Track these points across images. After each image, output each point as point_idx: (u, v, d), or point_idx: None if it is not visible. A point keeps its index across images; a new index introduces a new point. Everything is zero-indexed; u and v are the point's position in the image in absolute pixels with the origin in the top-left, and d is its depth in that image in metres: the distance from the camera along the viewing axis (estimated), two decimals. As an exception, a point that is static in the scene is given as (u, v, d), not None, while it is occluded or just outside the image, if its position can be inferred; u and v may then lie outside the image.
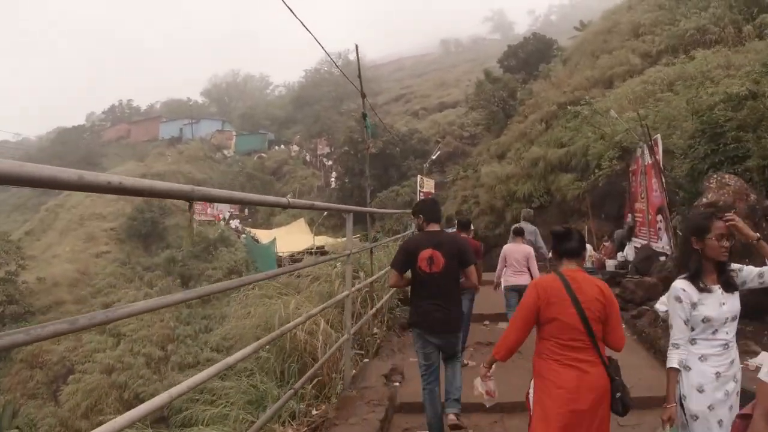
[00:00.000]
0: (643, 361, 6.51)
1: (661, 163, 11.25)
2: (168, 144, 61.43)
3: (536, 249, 9.09)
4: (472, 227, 8.36)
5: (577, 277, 3.23)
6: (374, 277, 6.72)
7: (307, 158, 52.64)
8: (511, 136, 26.37)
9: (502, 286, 7.94)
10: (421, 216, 4.85)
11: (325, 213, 38.04)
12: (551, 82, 27.41)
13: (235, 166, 52.15)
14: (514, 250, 7.89)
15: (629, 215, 14.25)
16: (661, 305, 7.40)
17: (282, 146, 58.73)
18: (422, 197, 16.80)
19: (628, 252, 12.98)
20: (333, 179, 44.17)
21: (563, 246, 3.36)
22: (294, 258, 30.96)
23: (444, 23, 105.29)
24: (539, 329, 3.28)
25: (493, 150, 27.19)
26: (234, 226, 41.50)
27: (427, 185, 17.11)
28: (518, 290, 7.28)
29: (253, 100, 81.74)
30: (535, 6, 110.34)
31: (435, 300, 4.54)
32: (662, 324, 6.91)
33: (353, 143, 38.52)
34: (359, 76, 7.66)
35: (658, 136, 11.40)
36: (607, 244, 14.48)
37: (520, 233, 8.30)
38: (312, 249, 30.88)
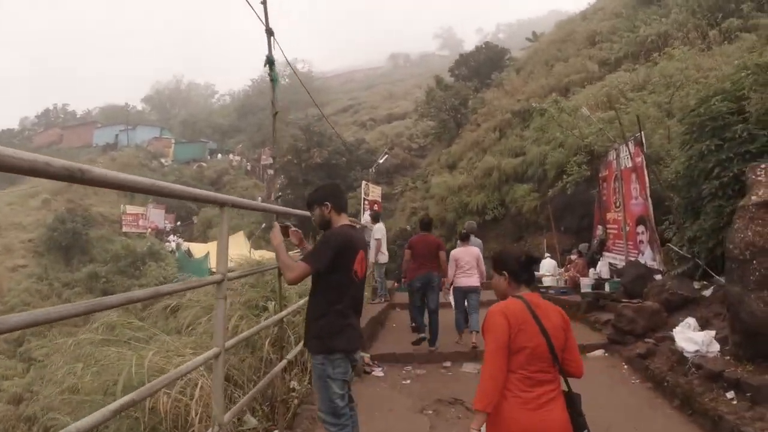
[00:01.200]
0: (676, 425, 4.54)
1: (645, 165, 9.54)
2: (102, 151, 57.35)
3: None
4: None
5: (539, 302, 2.88)
6: (289, 310, 4.52)
7: (249, 168, 49.77)
8: (463, 145, 24.72)
9: (452, 287, 8.03)
10: (328, 204, 3.53)
11: (264, 225, 35.53)
12: (504, 91, 26.01)
13: (171, 176, 48.68)
14: (464, 252, 8.04)
15: (599, 227, 12.54)
16: (687, 343, 5.58)
17: (223, 156, 55.65)
18: (367, 207, 14.72)
19: (602, 269, 11.21)
20: (275, 190, 41.60)
21: (525, 274, 2.96)
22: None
23: (394, 39, 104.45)
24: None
25: (443, 160, 25.47)
26: (174, 244, 38.11)
27: (373, 193, 15.07)
28: (466, 291, 7.87)
29: (197, 108, 78.06)
30: (483, 25, 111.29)
31: (357, 312, 3.64)
32: (691, 369, 4.99)
33: (297, 152, 36.22)
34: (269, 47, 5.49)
35: (641, 134, 9.69)
36: (574, 258, 12.64)
37: (466, 238, 8.44)
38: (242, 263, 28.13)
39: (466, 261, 7.92)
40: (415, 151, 39.50)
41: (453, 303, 8.10)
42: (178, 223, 43.66)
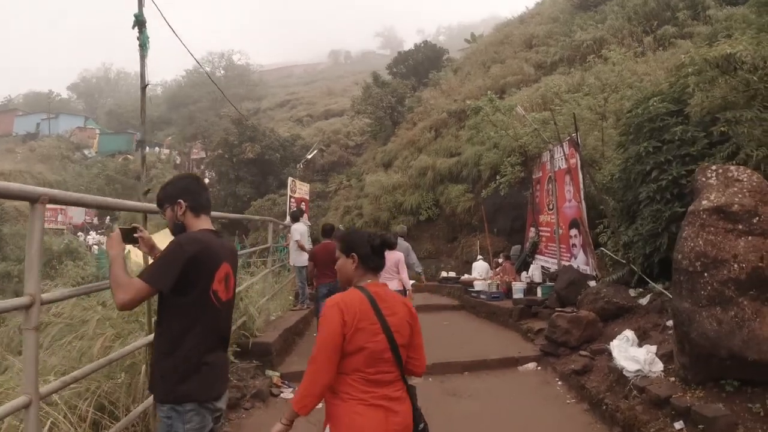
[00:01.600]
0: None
1: (579, 166, 9.15)
2: (22, 140, 53.60)
3: (409, 267, 8.92)
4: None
5: (384, 294, 2.59)
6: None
7: (178, 161, 47.61)
8: (399, 143, 24.14)
9: None
10: (181, 202, 2.65)
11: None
12: (441, 90, 25.62)
13: (95, 168, 45.94)
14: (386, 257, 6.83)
15: (532, 229, 12.18)
16: (628, 361, 5.06)
17: (154, 148, 53.06)
18: (293, 205, 13.85)
19: (534, 273, 10.82)
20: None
21: (375, 260, 2.68)
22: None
23: (335, 35, 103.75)
24: (339, 362, 2.46)
25: (379, 158, 24.83)
26: (90, 242, 35.71)
27: (300, 190, 14.16)
28: None
29: (126, 98, 74.28)
30: (424, 26, 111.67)
31: (222, 344, 2.75)
32: (633, 392, 4.45)
33: (228, 146, 34.67)
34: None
35: (577, 133, 9.30)
36: (501, 261, 12.21)
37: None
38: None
39: (387, 267, 7.41)
40: (351, 149, 38.73)
41: None
42: (107, 218, 41.11)
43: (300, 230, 9.68)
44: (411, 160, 21.89)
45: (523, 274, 10.92)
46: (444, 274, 13.55)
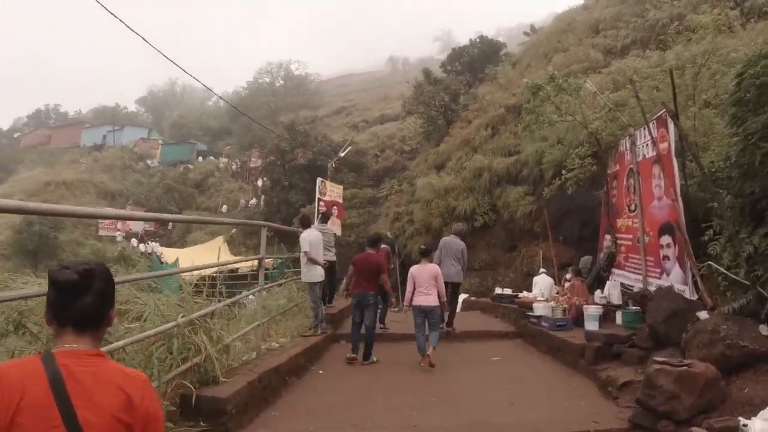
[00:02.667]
0: None
1: (674, 152, 6.84)
2: (89, 152, 54.90)
3: (463, 269, 9.48)
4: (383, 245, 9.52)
5: (85, 367, 1.58)
6: None
7: (235, 170, 47.14)
8: (452, 144, 22.02)
9: (411, 307, 7.68)
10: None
11: (234, 230, 32.97)
12: (499, 85, 23.32)
13: (155, 177, 46.14)
14: (422, 270, 7.70)
15: (607, 237, 9.82)
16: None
17: (213, 158, 53.06)
18: (323, 209, 12.02)
19: (611, 292, 8.52)
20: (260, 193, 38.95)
21: (70, 310, 1.66)
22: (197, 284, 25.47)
23: (393, 42, 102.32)
24: None
25: (431, 160, 22.78)
26: (149, 248, 35.31)
27: (332, 192, 12.29)
28: (425, 311, 7.43)
29: (190, 111, 75.47)
30: (483, 28, 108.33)
31: None
32: None
33: (280, 153, 33.57)
34: None
35: (665, 111, 6.99)
36: (569, 278, 9.78)
37: (427, 253, 8.23)
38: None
39: (424, 279, 7.56)
40: (407, 153, 36.89)
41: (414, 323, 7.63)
42: (170, 226, 40.83)
43: (309, 239, 7.83)
44: (465, 161, 19.74)
45: (597, 293, 8.61)
46: (498, 290, 11.36)
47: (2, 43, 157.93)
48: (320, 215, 9.80)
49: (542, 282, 10.76)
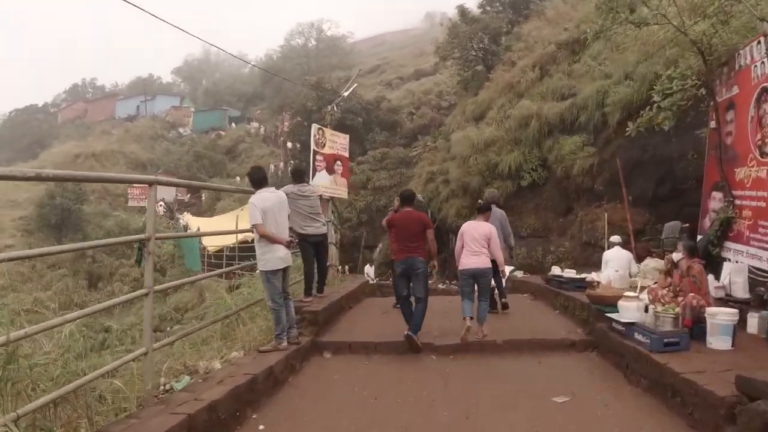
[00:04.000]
0: None
1: None
2: (124, 122, 53.74)
3: (506, 241, 8.10)
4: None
5: None
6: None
7: (265, 133, 44.78)
8: (493, 90, 18.81)
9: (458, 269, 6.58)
10: None
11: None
12: (547, 20, 19.78)
13: (185, 145, 44.40)
14: (473, 227, 6.55)
15: (716, 196, 6.76)
16: None
17: (245, 123, 50.97)
18: (320, 166, 9.27)
19: (735, 279, 5.56)
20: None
21: None
22: (215, 254, 23.55)
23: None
24: None
25: (469, 111, 19.64)
26: (163, 210, 33.47)
27: (332, 143, 9.31)
28: (475, 274, 6.31)
29: (223, 78, 73.39)
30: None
31: None
32: None
33: (307, 113, 30.87)
34: None
35: None
36: (680, 258, 6.29)
37: (484, 210, 6.93)
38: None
39: (473, 237, 6.39)
40: (444, 109, 33.70)
41: (460, 287, 6.60)
42: (189, 195, 39.17)
43: (263, 205, 5.02)
44: (509, 109, 16.61)
45: (714, 284, 5.63)
46: (556, 270, 8.37)
47: (47, 20, 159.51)
48: (298, 173, 7.10)
49: (617, 258, 7.82)
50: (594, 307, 5.86)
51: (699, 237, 6.85)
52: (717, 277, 5.87)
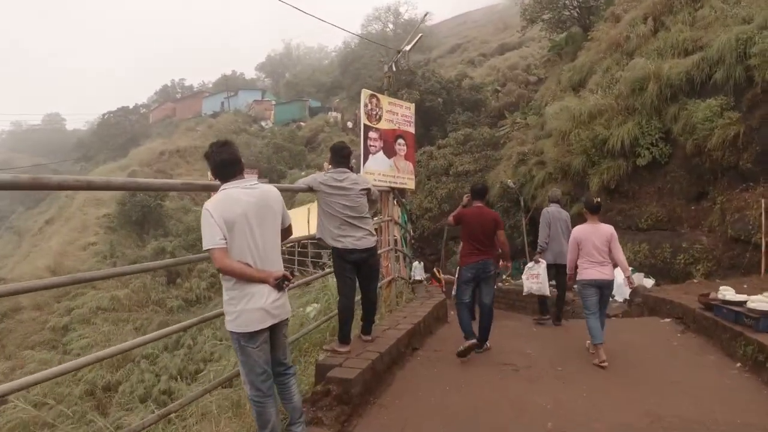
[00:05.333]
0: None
1: None
2: (208, 119, 54.22)
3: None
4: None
5: None
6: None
7: (349, 124, 43.05)
8: (595, 51, 15.69)
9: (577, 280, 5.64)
10: None
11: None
12: (660, -37, 16.28)
13: (266, 138, 43.68)
14: (592, 231, 5.57)
15: None
16: None
17: (326, 113, 49.71)
18: (375, 145, 6.91)
19: None
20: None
21: None
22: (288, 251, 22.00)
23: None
24: None
25: (565, 79, 16.59)
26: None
27: (392, 115, 6.84)
28: (601, 286, 5.41)
29: (304, 69, 72.90)
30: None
31: None
32: None
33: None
34: None
35: None
36: None
37: (596, 210, 5.69)
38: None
39: (594, 245, 5.40)
40: (533, 84, 30.43)
41: (583, 303, 5.49)
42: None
43: (222, 212, 2.78)
44: (617, 71, 13.52)
45: None
46: (726, 293, 5.47)
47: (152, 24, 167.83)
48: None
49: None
50: None
51: None
52: None
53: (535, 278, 7.22)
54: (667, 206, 11.43)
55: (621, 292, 9.86)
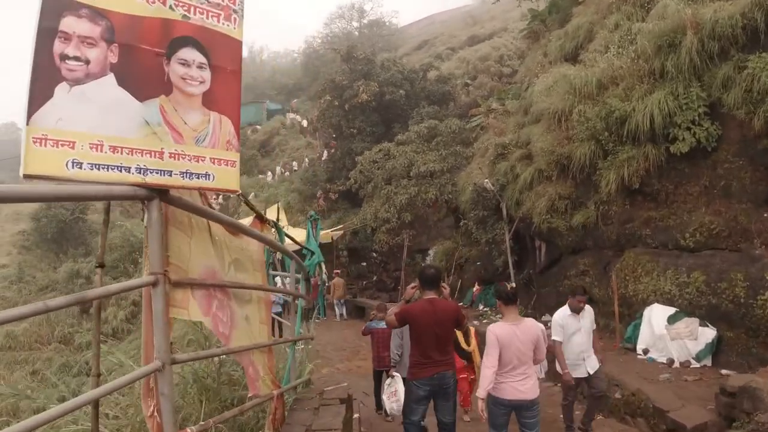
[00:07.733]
0: None
1: None
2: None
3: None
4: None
5: None
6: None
7: (304, 124, 38.82)
8: (594, 10, 11.76)
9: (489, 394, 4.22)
10: None
11: (290, 195, 24.92)
12: None
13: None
14: (513, 332, 4.12)
15: None
16: None
17: (284, 116, 45.47)
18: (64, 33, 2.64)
19: None
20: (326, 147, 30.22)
21: None
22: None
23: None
24: None
25: (554, 48, 12.58)
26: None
27: None
28: (516, 407, 4.13)
29: (261, 70, 68.35)
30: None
31: None
32: None
33: (337, 89, 24.53)
34: None
35: None
36: None
37: (511, 299, 4.23)
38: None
39: (516, 348, 3.95)
40: (507, 77, 26.71)
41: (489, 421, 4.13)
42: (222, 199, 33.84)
43: None
44: (628, 27, 9.59)
45: None
46: None
47: None
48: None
49: None
50: None
51: None
52: None
53: (393, 396, 5.60)
54: (723, 213, 7.50)
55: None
